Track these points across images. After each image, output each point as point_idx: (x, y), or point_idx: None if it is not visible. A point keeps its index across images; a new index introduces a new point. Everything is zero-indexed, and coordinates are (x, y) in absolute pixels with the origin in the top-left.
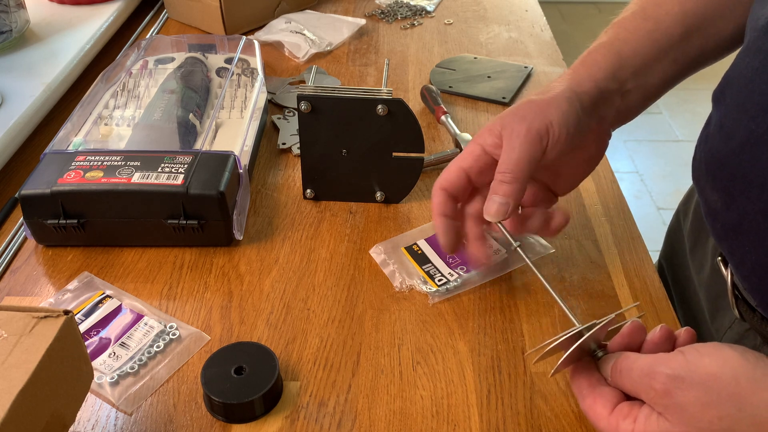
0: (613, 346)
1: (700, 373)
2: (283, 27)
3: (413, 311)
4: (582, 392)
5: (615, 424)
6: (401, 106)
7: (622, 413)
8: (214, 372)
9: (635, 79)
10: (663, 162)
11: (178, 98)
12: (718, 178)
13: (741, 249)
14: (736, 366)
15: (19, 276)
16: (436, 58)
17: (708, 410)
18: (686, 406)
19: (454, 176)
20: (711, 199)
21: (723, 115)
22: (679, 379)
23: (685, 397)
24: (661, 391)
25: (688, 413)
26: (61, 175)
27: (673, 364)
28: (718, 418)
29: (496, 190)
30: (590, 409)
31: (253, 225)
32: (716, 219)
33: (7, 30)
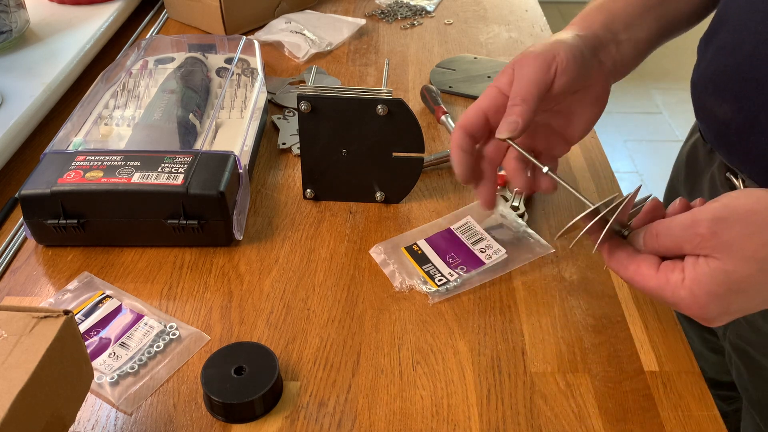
0: (638, 223)
1: (739, 211)
2: (283, 27)
3: (413, 311)
4: (622, 263)
5: (665, 278)
6: (401, 106)
7: (668, 268)
8: (214, 372)
9: (626, 32)
10: (663, 162)
11: (178, 98)
12: (728, 89)
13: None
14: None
15: (19, 276)
16: (436, 58)
17: (752, 239)
18: (732, 241)
19: (472, 115)
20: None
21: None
22: (721, 219)
23: (730, 234)
24: (708, 234)
25: (734, 247)
26: (61, 175)
27: (712, 209)
28: (762, 245)
29: (507, 113)
30: (636, 274)
31: (253, 225)
32: (728, 129)
33: (7, 30)
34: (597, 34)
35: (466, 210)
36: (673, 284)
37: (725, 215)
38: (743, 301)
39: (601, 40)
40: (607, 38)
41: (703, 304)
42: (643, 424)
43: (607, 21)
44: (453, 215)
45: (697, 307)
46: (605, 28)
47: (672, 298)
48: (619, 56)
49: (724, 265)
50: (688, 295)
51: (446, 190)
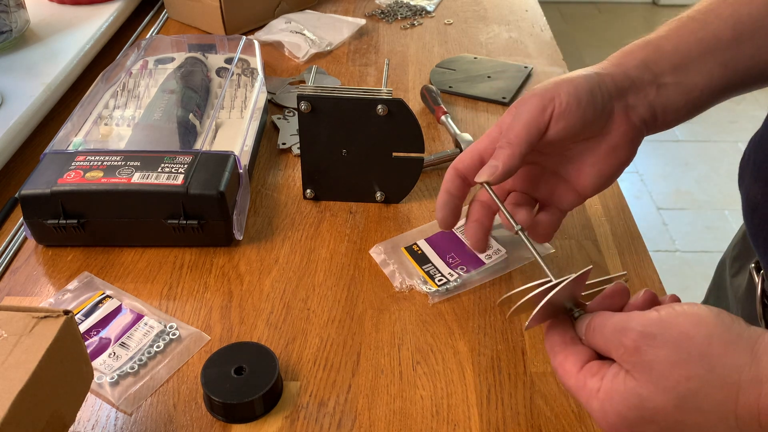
0: (593, 306)
1: (673, 332)
2: (283, 27)
3: (413, 311)
4: (554, 348)
5: (583, 381)
6: (401, 106)
7: (591, 371)
8: (214, 372)
9: (674, 74)
10: (663, 162)
11: (178, 98)
12: (762, 169)
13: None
14: (710, 326)
15: (19, 276)
16: (436, 58)
17: (676, 369)
18: (654, 364)
19: (467, 157)
20: (752, 192)
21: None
22: (650, 336)
23: (655, 355)
24: (631, 348)
25: (656, 372)
26: (61, 175)
27: (645, 321)
28: (686, 378)
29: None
30: (560, 366)
31: (253, 225)
32: (755, 212)
33: (7, 30)
34: (628, 74)
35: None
36: (587, 391)
37: (655, 332)
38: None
39: (634, 81)
40: (645, 79)
41: (611, 423)
42: None
43: (649, 59)
44: None
45: (606, 425)
46: (644, 67)
47: (585, 405)
48: (661, 101)
49: (639, 388)
50: (598, 408)
51: None
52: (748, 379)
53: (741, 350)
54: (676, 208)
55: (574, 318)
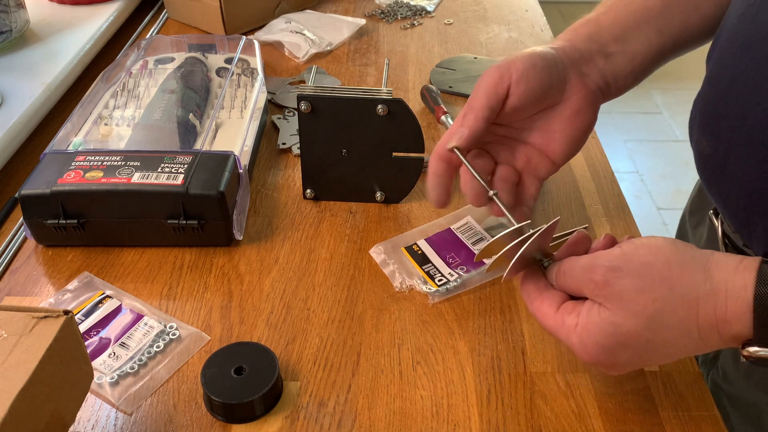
0: (560, 255)
1: (636, 262)
2: (283, 27)
3: (413, 311)
4: (530, 296)
5: (561, 320)
6: (401, 106)
7: (567, 310)
8: (214, 372)
9: (617, 44)
10: (663, 162)
11: (178, 98)
12: (707, 123)
13: (728, 186)
14: (668, 253)
15: (19, 276)
16: (436, 58)
17: (642, 294)
18: (623, 293)
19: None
20: (702, 146)
21: (712, 66)
22: (616, 269)
23: (623, 285)
24: (601, 282)
25: (624, 299)
26: (61, 175)
27: (610, 257)
28: (651, 301)
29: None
30: (538, 310)
31: (253, 225)
32: (707, 164)
33: (7, 30)
34: (578, 47)
35: (466, 210)
36: (566, 328)
37: (620, 264)
38: (632, 355)
39: (583, 53)
40: (592, 50)
41: (591, 353)
42: (643, 424)
43: (593, 33)
44: (453, 215)
45: (586, 355)
46: (590, 39)
47: (565, 341)
48: (610, 69)
49: (612, 317)
50: (577, 341)
51: None
52: (704, 293)
53: (695, 269)
54: (676, 208)
55: (544, 267)
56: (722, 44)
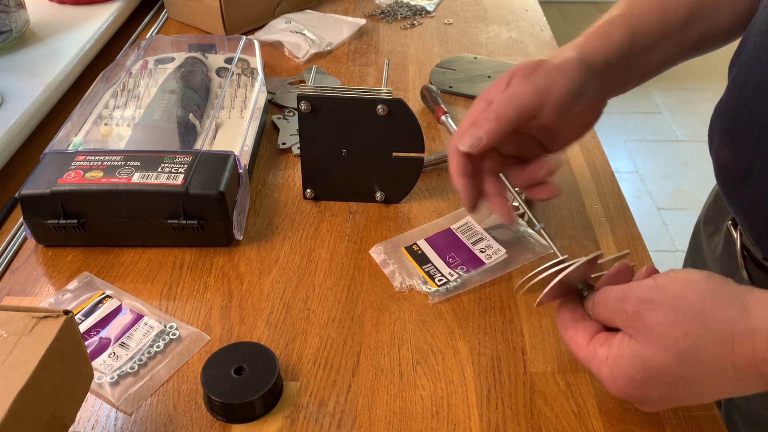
0: (600, 285)
1: (668, 295)
2: (283, 27)
3: (413, 311)
4: (565, 324)
5: (593, 352)
6: (401, 106)
7: (600, 341)
8: (214, 372)
9: (642, 57)
10: (663, 162)
11: (178, 98)
12: (729, 131)
13: (749, 197)
14: (702, 287)
15: (19, 276)
16: (436, 58)
17: (674, 328)
18: (654, 326)
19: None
20: (722, 155)
21: (737, 73)
22: (648, 300)
23: (654, 318)
24: (632, 313)
25: (656, 333)
26: (61, 175)
27: (643, 288)
28: (683, 336)
29: (477, 123)
30: (572, 340)
31: (253, 225)
32: (727, 174)
33: (7, 30)
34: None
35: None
36: (598, 359)
37: (653, 296)
38: (664, 390)
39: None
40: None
41: (621, 386)
42: (643, 424)
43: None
44: (453, 215)
45: (616, 389)
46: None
47: (597, 373)
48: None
49: (642, 350)
50: (608, 374)
51: (446, 190)
52: (741, 330)
53: (731, 305)
54: (676, 208)
55: (583, 297)
56: (748, 52)
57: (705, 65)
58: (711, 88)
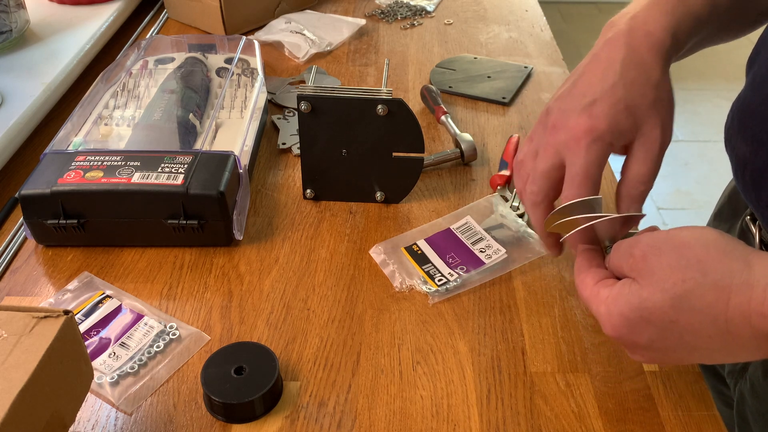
0: None
1: (675, 242)
2: (283, 27)
3: (413, 311)
4: (580, 268)
5: (597, 291)
6: (401, 106)
7: (606, 284)
8: (214, 372)
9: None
10: (663, 162)
11: (178, 98)
12: (748, 128)
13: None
14: (709, 238)
15: (19, 276)
16: (436, 58)
17: (675, 273)
18: (656, 269)
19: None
20: (741, 151)
21: (756, 70)
22: (655, 246)
23: (658, 262)
24: (639, 257)
25: (656, 276)
26: (61, 175)
27: (653, 236)
28: (682, 280)
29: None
30: (581, 282)
31: (253, 225)
32: (745, 169)
33: (7, 30)
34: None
35: (466, 210)
36: (599, 299)
37: (660, 243)
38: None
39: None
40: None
41: (615, 324)
42: (643, 424)
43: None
44: (453, 215)
45: (610, 327)
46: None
47: (595, 311)
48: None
49: (641, 290)
50: (605, 311)
51: (446, 190)
52: (740, 282)
53: (735, 258)
54: (676, 208)
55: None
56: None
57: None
58: (711, 88)
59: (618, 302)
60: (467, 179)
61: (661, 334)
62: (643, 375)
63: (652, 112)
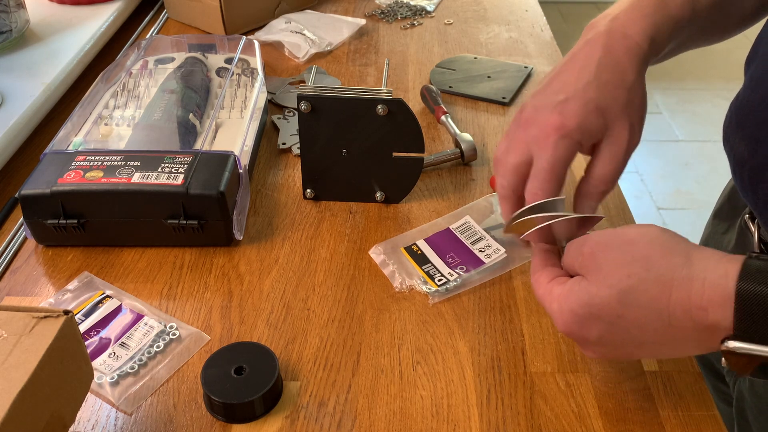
0: None
1: (622, 239)
2: (283, 27)
3: (413, 311)
4: (536, 268)
5: (550, 289)
6: (401, 106)
7: (558, 281)
8: (214, 372)
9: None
10: (663, 162)
11: (178, 98)
12: (746, 127)
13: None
14: (654, 236)
15: (19, 276)
16: (436, 58)
17: (620, 269)
18: (603, 266)
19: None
20: (738, 150)
21: (754, 69)
22: (603, 243)
23: (605, 258)
24: (588, 255)
25: (603, 272)
26: (61, 175)
27: (602, 233)
28: (626, 276)
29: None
30: (536, 281)
31: (253, 225)
32: (743, 168)
33: (7, 30)
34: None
35: (465, 210)
36: (552, 296)
37: (608, 240)
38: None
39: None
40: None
41: (566, 321)
42: (643, 424)
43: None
44: (452, 215)
45: (562, 323)
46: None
47: (548, 309)
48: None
49: (589, 287)
50: (557, 309)
51: (446, 190)
52: (681, 277)
53: (677, 254)
54: (676, 208)
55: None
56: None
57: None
58: (711, 88)
59: (569, 299)
60: (467, 179)
61: (609, 329)
62: (643, 375)
63: (622, 114)
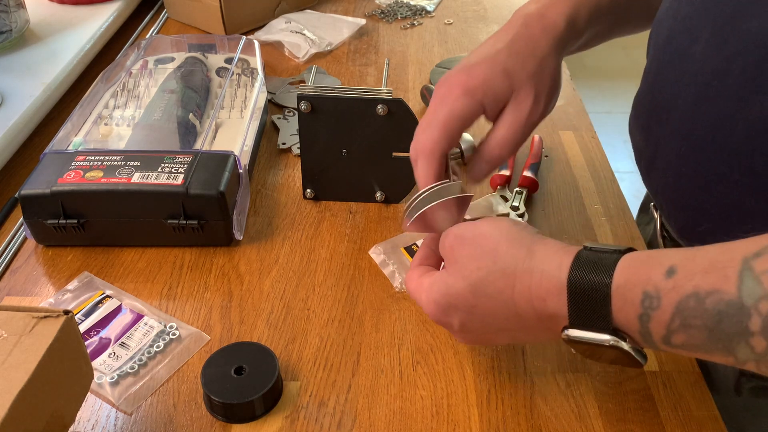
0: None
1: (476, 233)
2: (283, 27)
3: (413, 311)
4: (412, 264)
5: (420, 282)
6: (401, 106)
7: (429, 275)
8: (214, 372)
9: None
10: None
11: (178, 98)
12: (640, 117)
13: (657, 179)
14: (503, 228)
15: (19, 276)
16: (436, 58)
17: (472, 261)
18: (459, 258)
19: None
20: (636, 140)
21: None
22: (461, 237)
23: (461, 251)
24: (448, 248)
25: (459, 264)
26: (61, 175)
27: (462, 227)
28: (477, 268)
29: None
30: (408, 277)
31: (253, 225)
32: (641, 157)
33: (7, 30)
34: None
35: None
36: (421, 288)
37: (465, 234)
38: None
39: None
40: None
41: (431, 311)
42: (643, 424)
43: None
44: None
45: (429, 312)
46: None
47: (418, 300)
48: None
49: (447, 278)
50: (424, 299)
51: None
52: (522, 269)
53: (520, 246)
54: None
55: None
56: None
57: None
58: None
59: (431, 290)
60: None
61: (467, 318)
62: (643, 375)
63: (529, 81)
